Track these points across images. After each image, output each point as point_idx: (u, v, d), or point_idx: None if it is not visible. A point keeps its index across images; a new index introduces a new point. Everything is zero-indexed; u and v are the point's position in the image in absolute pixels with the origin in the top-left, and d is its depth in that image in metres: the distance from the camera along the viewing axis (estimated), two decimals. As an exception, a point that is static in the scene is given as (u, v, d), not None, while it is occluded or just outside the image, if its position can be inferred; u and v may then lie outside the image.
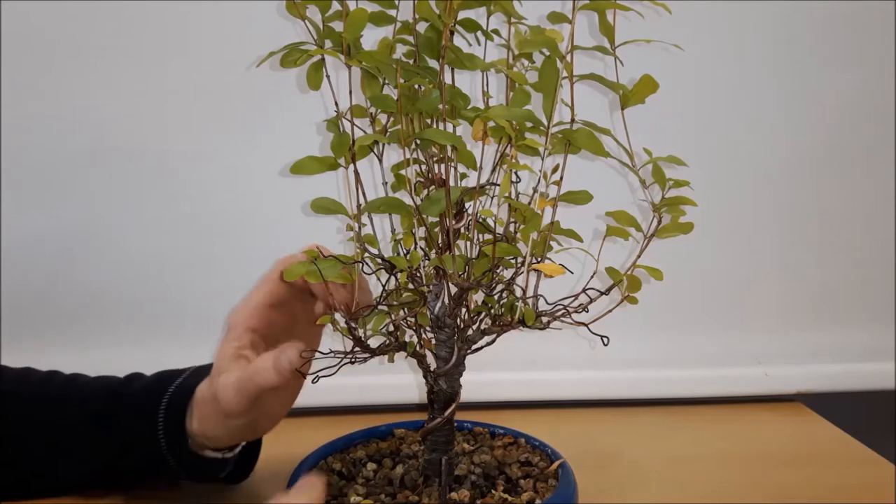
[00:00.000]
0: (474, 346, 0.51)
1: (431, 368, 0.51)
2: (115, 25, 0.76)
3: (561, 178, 0.48)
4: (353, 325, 0.49)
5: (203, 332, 0.83)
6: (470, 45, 0.48)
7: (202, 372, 0.59)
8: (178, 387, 0.59)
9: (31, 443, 0.60)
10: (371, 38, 0.47)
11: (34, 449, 0.60)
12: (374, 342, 0.51)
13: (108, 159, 0.78)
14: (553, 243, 0.49)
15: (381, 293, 0.51)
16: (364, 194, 0.49)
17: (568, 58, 0.45)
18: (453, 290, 0.48)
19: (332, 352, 0.51)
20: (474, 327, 0.51)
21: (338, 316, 0.50)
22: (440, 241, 0.48)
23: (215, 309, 0.82)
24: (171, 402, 0.58)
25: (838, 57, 0.82)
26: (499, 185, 0.48)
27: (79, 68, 0.76)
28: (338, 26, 0.46)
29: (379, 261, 0.51)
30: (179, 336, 0.83)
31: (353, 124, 0.48)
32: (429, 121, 0.47)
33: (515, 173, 0.49)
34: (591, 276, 0.50)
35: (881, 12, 0.81)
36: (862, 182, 0.86)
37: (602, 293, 0.50)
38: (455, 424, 0.53)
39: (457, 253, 0.47)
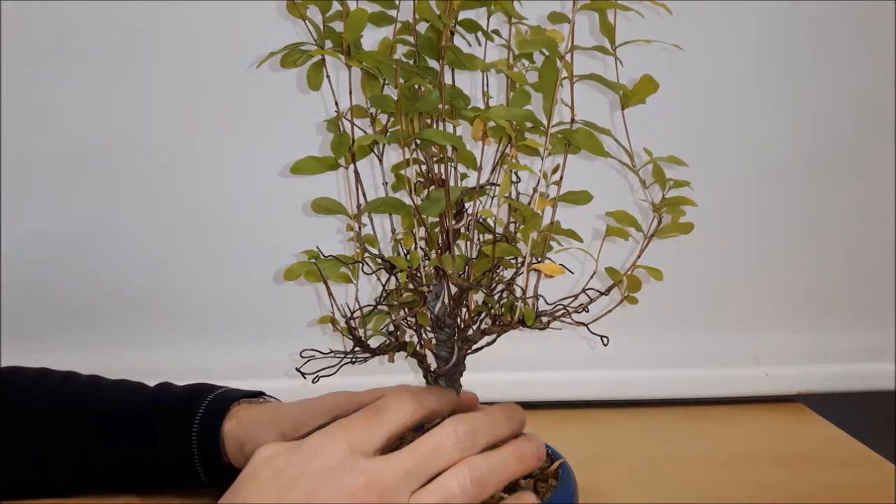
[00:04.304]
0: (474, 346, 0.51)
1: (431, 368, 0.51)
2: (115, 25, 0.76)
3: (561, 178, 0.47)
4: (353, 324, 0.49)
5: (203, 331, 0.83)
6: (470, 45, 0.48)
7: (239, 392, 0.63)
8: (217, 395, 0.61)
9: (53, 446, 0.60)
10: (371, 38, 0.47)
11: (55, 450, 0.60)
12: (374, 342, 0.51)
13: (108, 159, 0.79)
14: (553, 243, 0.49)
15: (381, 293, 0.51)
16: (364, 194, 0.49)
17: (568, 58, 0.45)
18: (453, 290, 0.48)
19: (332, 352, 0.51)
20: (474, 327, 0.51)
21: (338, 316, 0.50)
22: (440, 241, 0.48)
23: (215, 308, 0.83)
24: (210, 406, 0.60)
25: (838, 57, 0.82)
26: (499, 185, 0.48)
27: (79, 68, 0.76)
28: (338, 26, 0.46)
29: (379, 261, 0.51)
30: (180, 336, 0.83)
31: (353, 124, 0.48)
32: (429, 121, 0.47)
33: (515, 173, 0.48)
34: (591, 276, 0.50)
35: (882, 12, 0.81)
36: (863, 182, 0.86)
37: (602, 293, 0.50)
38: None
39: (457, 253, 0.47)
